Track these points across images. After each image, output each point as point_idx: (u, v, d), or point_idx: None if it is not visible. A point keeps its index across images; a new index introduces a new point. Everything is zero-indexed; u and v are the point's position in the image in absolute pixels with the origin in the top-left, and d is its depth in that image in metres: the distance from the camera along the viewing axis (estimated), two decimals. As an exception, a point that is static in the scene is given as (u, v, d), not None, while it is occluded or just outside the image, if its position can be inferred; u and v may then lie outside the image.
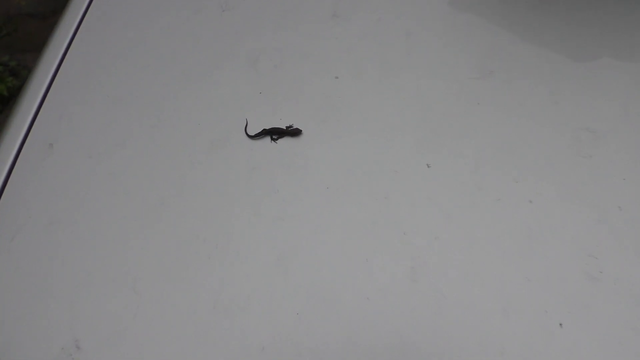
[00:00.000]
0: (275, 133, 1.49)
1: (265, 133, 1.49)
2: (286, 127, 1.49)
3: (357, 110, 1.48)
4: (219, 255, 1.31)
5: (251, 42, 1.73)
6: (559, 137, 1.37)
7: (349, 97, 1.51)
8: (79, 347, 1.22)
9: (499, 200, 1.24)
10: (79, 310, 1.28)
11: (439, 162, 1.34)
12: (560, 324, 1.08)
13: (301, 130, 1.46)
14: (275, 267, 1.26)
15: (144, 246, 1.35)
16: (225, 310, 1.23)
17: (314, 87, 1.58)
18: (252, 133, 1.50)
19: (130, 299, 1.26)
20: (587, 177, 1.28)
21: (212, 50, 1.75)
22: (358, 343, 1.17)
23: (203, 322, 1.22)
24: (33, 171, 1.52)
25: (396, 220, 1.28)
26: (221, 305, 1.23)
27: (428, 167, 1.32)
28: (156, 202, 1.41)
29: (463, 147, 1.36)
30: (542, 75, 1.50)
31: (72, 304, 1.29)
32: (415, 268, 1.21)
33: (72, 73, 1.76)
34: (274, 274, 1.26)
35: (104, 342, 1.22)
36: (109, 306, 1.27)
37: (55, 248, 1.37)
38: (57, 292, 1.31)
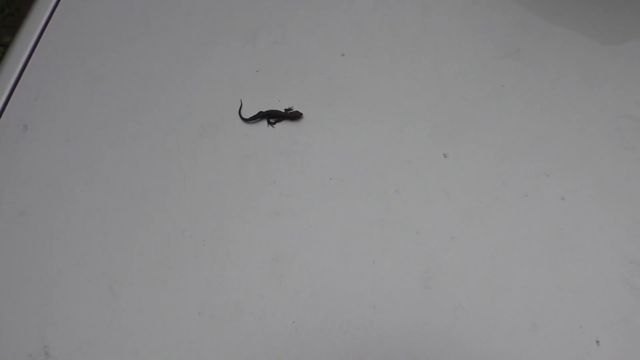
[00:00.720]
0: (273, 116, 1.37)
1: (261, 116, 1.38)
2: (285, 110, 1.37)
3: (366, 92, 1.37)
4: (207, 255, 1.19)
5: (248, 15, 1.60)
6: (596, 125, 1.20)
7: (356, 78, 1.40)
8: (48, 354, 1.11)
9: (526, 196, 1.10)
10: (50, 313, 1.17)
11: (457, 152, 1.22)
12: (597, 341, 0.96)
13: (302, 114, 1.34)
14: (270, 269, 1.14)
15: (123, 243, 1.23)
16: (212, 317, 1.12)
17: (317, 66, 1.45)
18: (247, 116, 1.39)
19: (106, 302, 1.14)
20: (629, 171, 1.13)
21: (204, 23, 1.63)
22: (362, 358, 1.04)
23: (187, 331, 1.11)
24: (4, 155, 1.41)
25: (408, 217, 1.16)
26: (208, 312, 1.12)
27: (445, 157, 1.18)
28: (138, 193, 1.33)
29: (485, 135, 1.21)
30: (576, 54, 1.33)
31: (42, 305, 1.18)
32: (428, 273, 1.08)
33: (50, 49, 1.64)
34: (268, 276, 1.14)
35: (76, 351, 1.11)
36: (82, 310, 1.15)
37: (25, 242, 1.26)
38: (26, 292, 1.20)
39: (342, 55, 1.48)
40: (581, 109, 1.28)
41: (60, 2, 1.73)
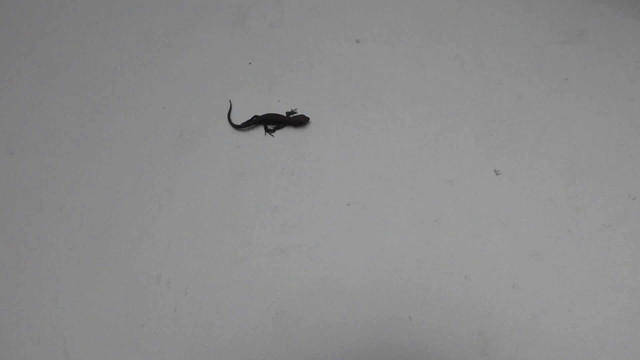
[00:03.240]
0: (272, 122, 1.13)
1: (257, 122, 1.14)
2: (287, 113, 1.13)
3: (390, 89, 1.13)
4: (190, 308, 0.97)
5: (238, -9, 1.31)
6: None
7: (376, 71, 1.16)
8: None
9: (608, 227, 0.86)
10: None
11: (513, 168, 1.00)
12: None
13: (308, 119, 1.11)
14: (273, 328, 0.91)
15: (82, 290, 1.04)
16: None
17: (326, 56, 1.20)
18: (238, 122, 1.15)
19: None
20: None
21: (182, 2, 1.33)
22: None
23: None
24: None
25: (453, 256, 0.94)
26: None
27: (497, 174, 0.95)
28: (100, 223, 1.09)
29: (549, 144, 0.99)
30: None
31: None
32: (484, 334, 0.87)
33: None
34: (269, 339, 0.88)
35: None
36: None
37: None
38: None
39: (357, 41, 1.22)
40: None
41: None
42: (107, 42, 1.31)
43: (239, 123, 1.13)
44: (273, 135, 1.11)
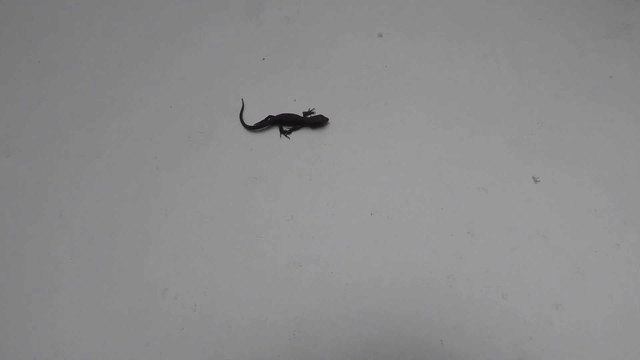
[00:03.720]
0: (288, 123, 1.06)
1: (271, 122, 1.07)
2: (304, 113, 1.06)
3: (415, 87, 1.06)
4: (199, 326, 0.88)
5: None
6: None
7: (401, 67, 1.09)
8: None
9: None
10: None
11: (553, 175, 0.92)
12: None
13: (327, 119, 1.04)
14: (289, 348, 0.81)
15: (83, 304, 0.99)
16: None
17: (346, 51, 1.13)
18: (251, 122, 1.09)
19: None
20: None
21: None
22: None
23: None
24: None
25: (488, 272, 0.86)
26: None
27: (536, 182, 0.90)
28: (103, 231, 1.02)
29: (593, 149, 0.93)
30: None
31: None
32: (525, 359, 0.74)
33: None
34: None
35: None
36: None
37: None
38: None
39: (380, 35, 1.15)
40: None
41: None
42: (111, 36, 1.25)
43: (251, 124, 1.06)
44: (289, 137, 1.04)
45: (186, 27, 1.22)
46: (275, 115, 1.05)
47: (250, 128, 1.06)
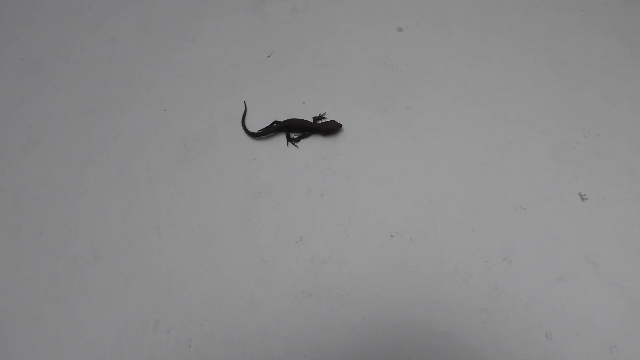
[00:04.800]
0: (296, 129, 0.98)
1: (277, 129, 0.98)
2: (314, 118, 0.98)
3: (440, 88, 0.97)
4: None
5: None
6: None
7: (423, 65, 1.00)
8: None
9: None
10: None
11: (603, 191, 0.82)
12: None
13: (340, 125, 0.95)
14: None
15: (62, 337, 0.85)
16: None
17: (362, 47, 1.04)
18: (254, 129, 1.00)
19: None
20: None
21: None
22: None
23: None
24: None
25: (529, 306, 0.76)
26: None
27: (583, 199, 0.84)
28: (87, 252, 0.92)
29: None
30: None
31: None
32: None
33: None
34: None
35: None
36: None
37: None
38: None
39: (400, 29, 1.07)
40: None
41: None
42: (101, 30, 1.17)
43: (255, 130, 0.97)
44: (297, 146, 0.96)
45: (183, 19, 1.15)
46: (281, 120, 0.97)
47: (253, 135, 0.97)
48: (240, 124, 0.98)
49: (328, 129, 0.93)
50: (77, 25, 1.17)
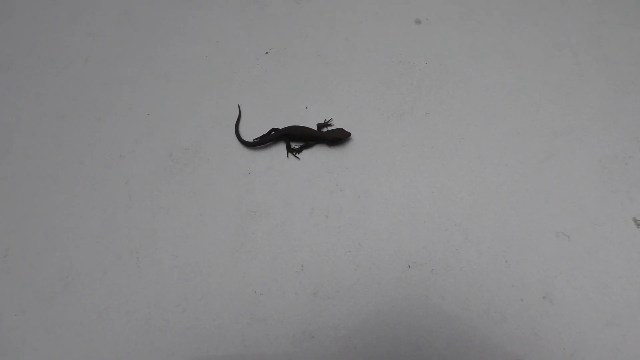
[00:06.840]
0: (297, 138, 0.92)
1: (276, 138, 0.92)
2: (318, 125, 0.92)
3: (465, 90, 0.90)
4: None
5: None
6: None
7: (446, 63, 0.94)
8: None
9: None
10: None
11: None
12: None
13: (349, 134, 0.89)
14: None
15: None
16: None
17: (374, 42, 0.98)
18: (250, 137, 0.94)
19: None
20: None
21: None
22: None
23: None
24: None
25: (573, 355, 0.68)
26: None
27: (637, 225, 0.79)
28: (54, 281, 0.84)
29: None
30: None
31: None
32: None
33: None
34: None
35: None
36: None
37: None
38: None
39: (418, 22, 1.01)
40: None
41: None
42: (77, 24, 1.11)
43: (251, 139, 0.91)
44: (299, 158, 0.90)
45: (170, 11, 1.08)
46: (281, 128, 0.91)
47: (249, 144, 0.91)
48: (234, 131, 0.92)
49: (334, 138, 0.88)
50: (50, 18, 1.12)
